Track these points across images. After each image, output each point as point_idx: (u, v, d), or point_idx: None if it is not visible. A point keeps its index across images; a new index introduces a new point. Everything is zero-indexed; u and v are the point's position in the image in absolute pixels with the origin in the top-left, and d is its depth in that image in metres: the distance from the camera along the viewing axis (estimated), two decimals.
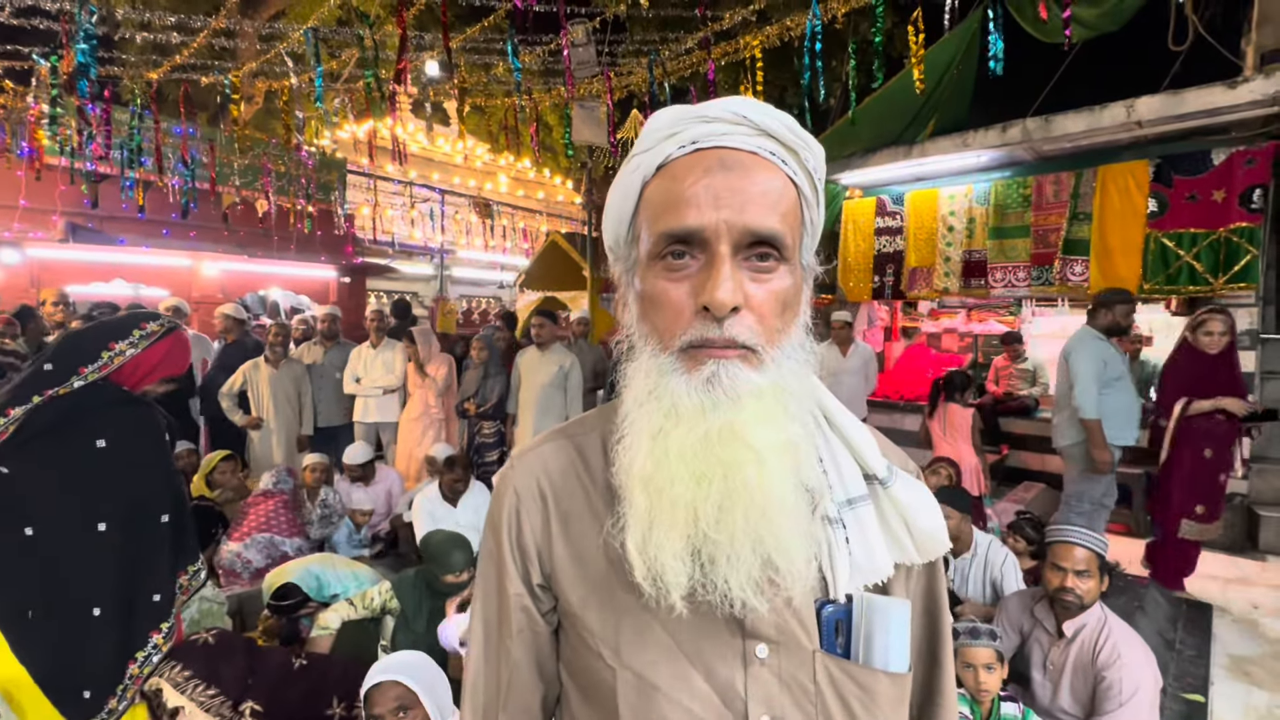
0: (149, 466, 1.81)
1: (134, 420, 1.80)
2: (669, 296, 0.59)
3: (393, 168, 10.45)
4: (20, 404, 1.65)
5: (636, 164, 0.63)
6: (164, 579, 1.82)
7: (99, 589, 1.71)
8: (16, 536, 1.65)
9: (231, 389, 4.73)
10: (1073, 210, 5.01)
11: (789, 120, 0.62)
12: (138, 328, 1.84)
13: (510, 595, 0.67)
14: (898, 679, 0.62)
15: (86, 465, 1.71)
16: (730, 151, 0.59)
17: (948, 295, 6.00)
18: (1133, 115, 4.43)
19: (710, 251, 0.57)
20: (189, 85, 5.85)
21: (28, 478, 1.66)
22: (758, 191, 0.58)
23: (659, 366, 0.59)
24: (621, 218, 0.66)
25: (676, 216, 0.58)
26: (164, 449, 1.87)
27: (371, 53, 4.25)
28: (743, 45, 4.70)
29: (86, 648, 1.70)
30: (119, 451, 1.74)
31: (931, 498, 0.68)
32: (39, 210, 7.30)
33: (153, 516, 1.80)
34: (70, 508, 1.69)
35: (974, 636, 1.95)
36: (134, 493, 1.77)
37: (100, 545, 1.71)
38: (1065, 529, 2.15)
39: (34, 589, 1.65)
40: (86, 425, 1.72)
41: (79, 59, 3.58)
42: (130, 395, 1.84)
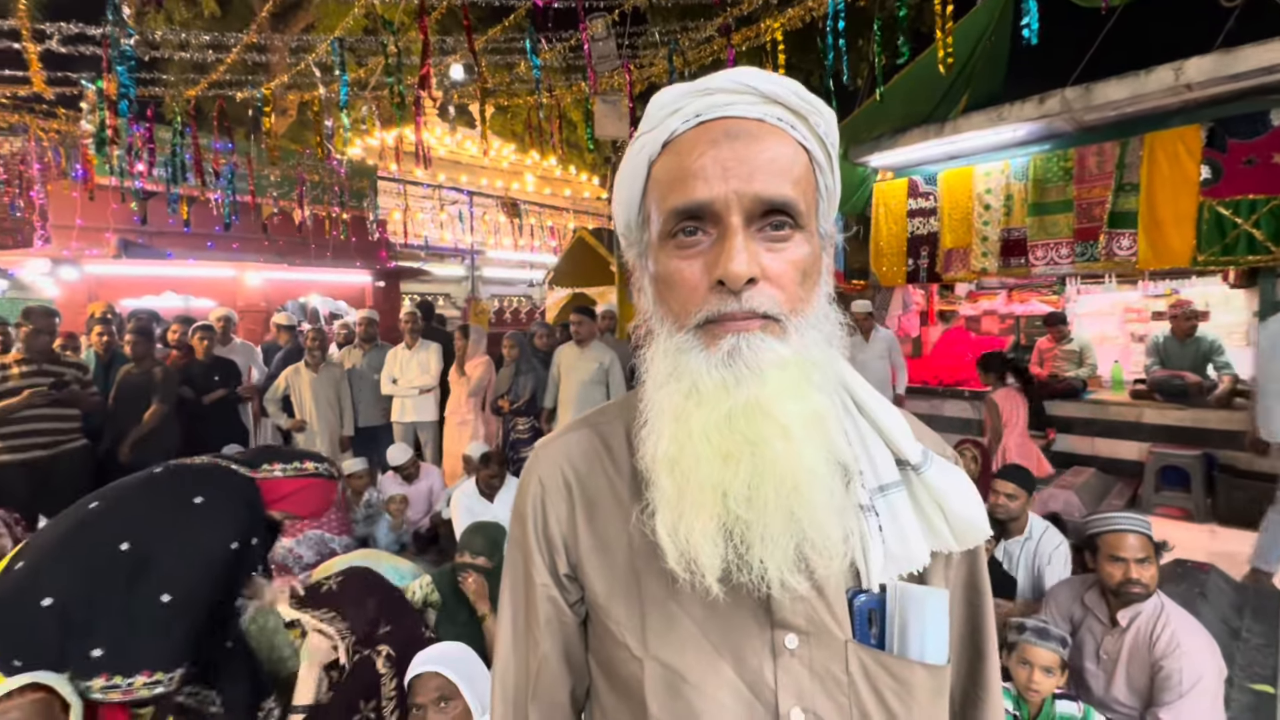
0: (189, 547, 1.84)
1: (224, 509, 1.91)
2: (683, 274, 0.58)
3: (421, 172, 10.64)
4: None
5: (642, 144, 0.62)
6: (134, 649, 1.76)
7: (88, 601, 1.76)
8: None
9: (275, 393, 4.91)
10: (1118, 181, 4.78)
11: (795, 85, 0.60)
12: (299, 460, 2.08)
13: (537, 585, 0.67)
14: (935, 671, 0.60)
15: (174, 505, 1.84)
16: (736, 121, 0.58)
17: (986, 276, 5.80)
18: (1181, 78, 4.19)
19: (722, 224, 0.56)
20: (225, 101, 6.06)
21: (130, 498, 1.85)
22: (766, 159, 0.57)
23: (677, 345, 0.58)
24: (631, 201, 0.65)
25: (685, 191, 0.57)
26: (220, 548, 1.89)
27: (395, 60, 4.32)
28: (764, 29, 4.61)
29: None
30: (196, 513, 1.85)
31: (969, 483, 0.65)
32: (93, 228, 7.68)
33: (157, 593, 1.78)
34: (114, 523, 1.81)
35: (1042, 637, 1.87)
36: (176, 551, 1.82)
37: (118, 564, 1.77)
38: (1110, 516, 2.05)
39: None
40: (197, 484, 1.87)
41: (120, 80, 3.74)
42: (254, 498, 1.98)
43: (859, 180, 6.18)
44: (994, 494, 2.82)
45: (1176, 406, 4.88)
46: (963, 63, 4.87)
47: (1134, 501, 4.73)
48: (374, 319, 5.62)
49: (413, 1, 4.44)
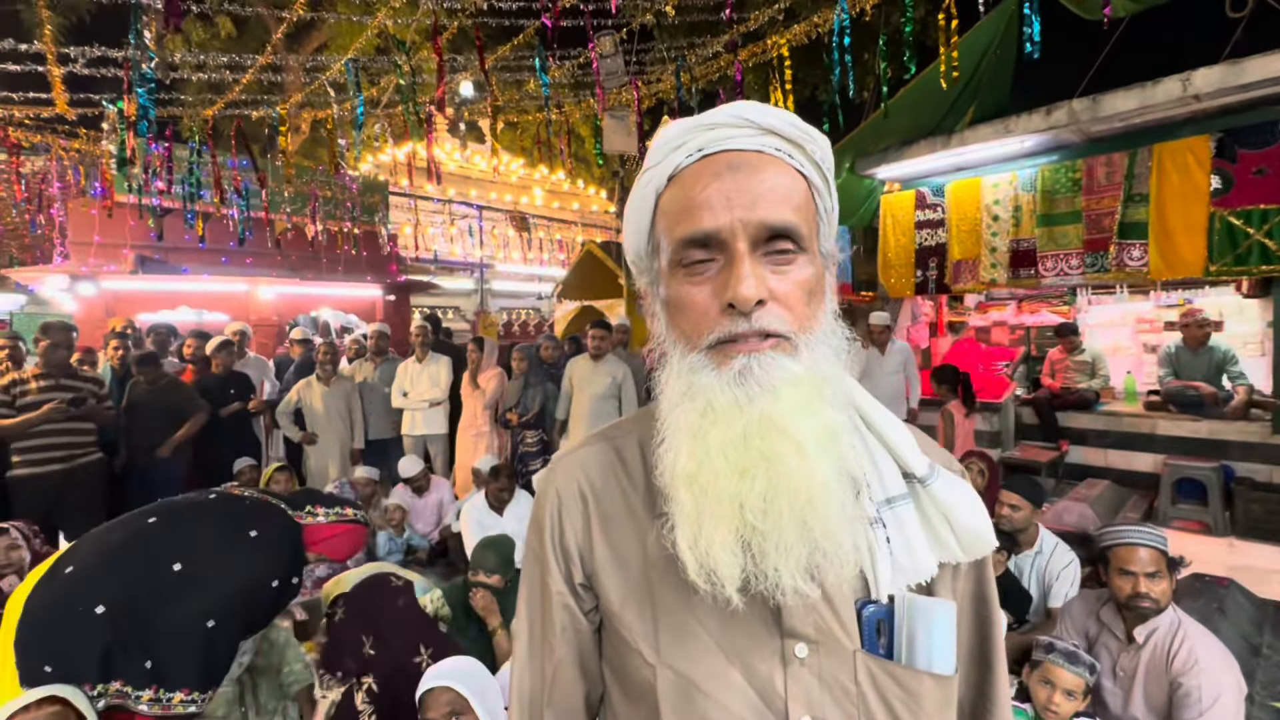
0: (239, 577, 1.89)
1: (274, 546, 1.97)
2: (694, 300, 0.60)
3: (432, 187, 10.78)
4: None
5: (649, 178, 0.65)
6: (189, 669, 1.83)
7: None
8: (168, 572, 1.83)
9: (288, 407, 4.95)
10: (1127, 192, 4.77)
11: (790, 117, 0.63)
12: (340, 506, 2.16)
13: (553, 594, 0.69)
14: (943, 681, 0.61)
15: (229, 535, 1.90)
16: (736, 153, 0.61)
17: (995, 287, 5.78)
18: (1189, 89, 4.19)
19: (729, 251, 0.59)
20: (241, 120, 6.19)
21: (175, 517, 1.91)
22: (767, 188, 0.59)
23: (690, 366, 0.60)
24: (640, 231, 0.68)
25: (692, 222, 0.59)
26: (264, 582, 1.94)
27: (409, 79, 4.41)
28: (770, 45, 4.67)
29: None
30: (250, 546, 1.91)
31: (975, 496, 0.66)
32: (111, 245, 7.83)
33: (203, 616, 1.82)
34: (170, 541, 1.86)
35: (1071, 661, 1.85)
36: (225, 579, 1.86)
37: (173, 587, 1.81)
38: (1122, 529, 2.03)
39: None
40: (251, 519, 1.95)
41: (140, 101, 3.84)
42: (299, 540, 2.04)
43: (866, 192, 6.20)
44: (999, 505, 2.80)
45: (1192, 418, 4.82)
46: (968, 76, 4.90)
47: (1150, 514, 4.67)
48: (385, 332, 5.67)
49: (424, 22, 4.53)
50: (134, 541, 1.84)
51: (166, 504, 2.01)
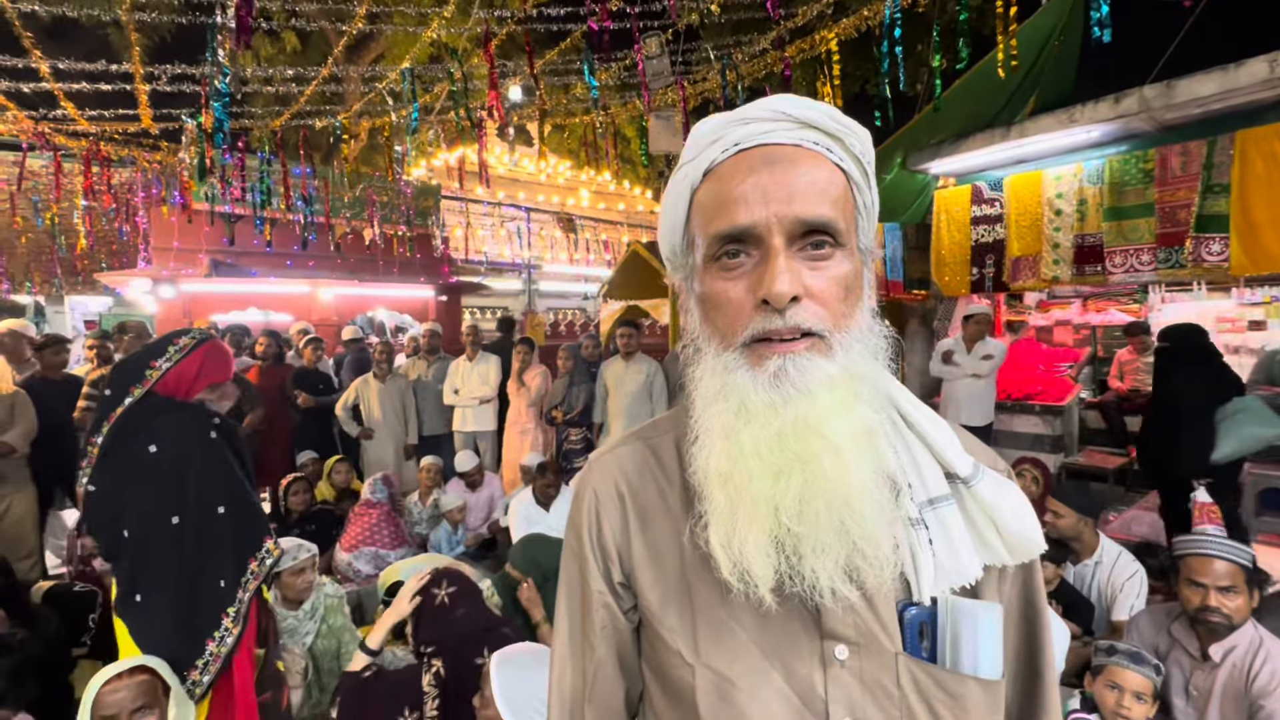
0: (196, 464, 1.96)
1: (176, 424, 1.98)
2: (728, 295, 0.60)
3: (482, 190, 11.04)
4: (96, 432, 1.92)
5: (684, 173, 0.65)
6: (228, 566, 1.98)
7: (178, 574, 1.92)
8: (119, 540, 1.90)
9: (346, 403, 5.19)
10: (1206, 183, 4.47)
11: (828, 109, 0.62)
12: (172, 344, 2.03)
13: (593, 592, 0.69)
14: (989, 686, 0.60)
15: (146, 469, 1.90)
16: (773, 148, 0.60)
17: (1058, 285, 5.50)
18: (1278, 70, 3.90)
19: (765, 246, 0.58)
20: (306, 130, 6.50)
21: (112, 489, 1.91)
22: (804, 182, 0.59)
23: (724, 364, 0.60)
24: (675, 227, 0.68)
25: (728, 217, 0.59)
26: (210, 446, 2.00)
27: (461, 85, 4.54)
28: (818, 40, 4.59)
29: (173, 626, 1.90)
30: (167, 454, 1.93)
31: (1022, 497, 0.64)
32: (188, 250, 8.36)
33: (209, 509, 1.96)
34: (145, 507, 1.91)
35: (1135, 661, 1.78)
36: (189, 488, 1.94)
37: (175, 536, 1.91)
38: (1200, 539, 1.92)
39: (139, 578, 1.90)
40: (140, 435, 1.92)
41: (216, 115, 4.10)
42: (173, 403, 2.01)
43: (918, 188, 6.01)
44: (1050, 514, 2.70)
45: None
46: (1029, 65, 4.68)
47: (1232, 526, 4.36)
48: (438, 332, 5.86)
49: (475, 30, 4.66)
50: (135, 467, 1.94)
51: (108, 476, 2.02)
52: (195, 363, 2.04)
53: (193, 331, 2.11)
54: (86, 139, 6.55)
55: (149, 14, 5.74)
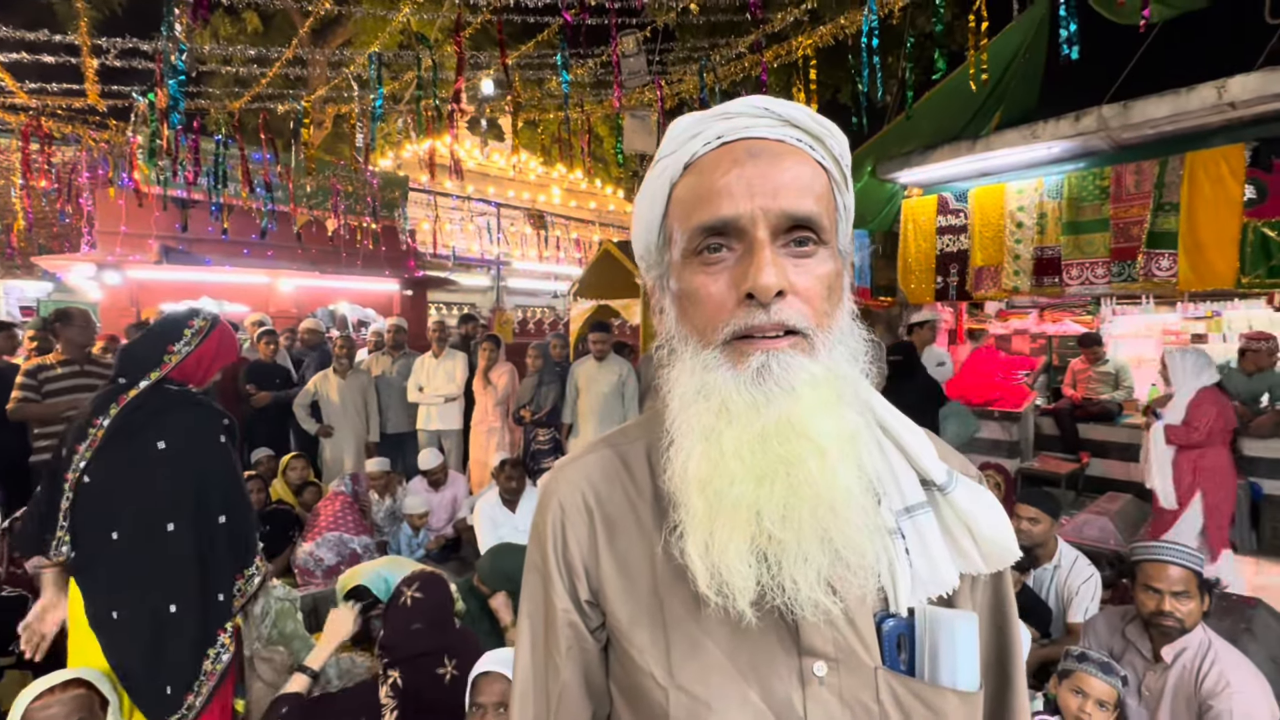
0: (204, 467, 1.84)
1: (191, 421, 1.86)
2: (708, 290, 0.58)
3: (451, 184, 10.82)
4: (102, 414, 1.77)
5: (662, 168, 0.63)
6: (226, 579, 1.87)
7: (175, 587, 1.79)
8: (104, 542, 1.75)
9: (304, 399, 5.01)
10: (1157, 201, 4.67)
11: (810, 110, 0.61)
12: (187, 327, 1.92)
13: (558, 611, 0.65)
14: (968, 698, 0.58)
15: (148, 466, 1.77)
16: (758, 141, 0.58)
17: (1018, 295, 5.70)
18: (1225, 96, 4.09)
19: (748, 239, 0.56)
20: (267, 114, 6.26)
21: (107, 485, 1.76)
22: (790, 176, 0.57)
23: (703, 363, 0.58)
24: (651, 224, 0.65)
25: (711, 208, 0.57)
26: (219, 450, 1.89)
27: (429, 74, 4.43)
28: (795, 46, 4.63)
29: (168, 645, 1.77)
30: (176, 453, 1.80)
31: (997, 504, 0.63)
32: (137, 235, 7.95)
33: (211, 516, 1.85)
34: (141, 509, 1.77)
35: (1105, 671, 1.81)
36: (192, 491, 1.82)
37: (172, 544, 1.78)
38: (1155, 545, 1.98)
39: (121, 590, 1.75)
40: (149, 428, 1.79)
41: (170, 93, 3.89)
42: (191, 396, 1.90)
43: (887, 196, 6.14)
44: (1016, 519, 2.75)
45: None
46: (995, 80, 4.82)
47: None
48: (402, 327, 5.71)
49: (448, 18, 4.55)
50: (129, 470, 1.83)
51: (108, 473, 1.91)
52: (213, 345, 1.95)
53: (202, 313, 1.99)
54: (26, 113, 6.16)
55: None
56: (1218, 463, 3.65)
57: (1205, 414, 3.61)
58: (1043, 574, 2.82)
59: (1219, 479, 3.65)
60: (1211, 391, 3.69)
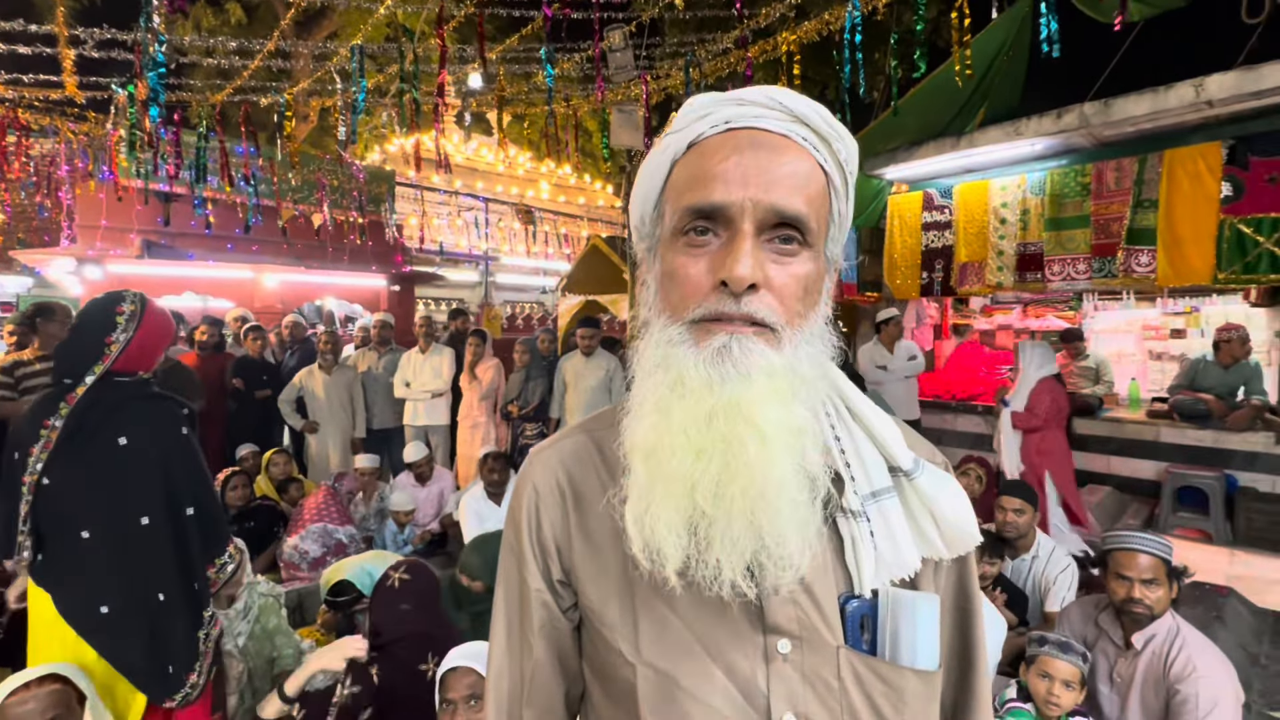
0: (168, 460, 1.83)
1: (151, 415, 1.84)
2: (688, 271, 0.59)
3: (439, 178, 10.75)
4: (51, 414, 1.73)
5: (667, 143, 0.64)
6: (199, 570, 1.88)
7: (159, 577, 1.79)
8: (74, 541, 1.74)
9: (289, 394, 4.97)
10: (1136, 198, 4.73)
11: (824, 110, 0.61)
12: (118, 314, 1.83)
13: (532, 590, 0.67)
14: (927, 677, 0.60)
15: (113, 464, 1.75)
16: (762, 132, 0.59)
17: (1001, 290, 5.75)
18: (1202, 95, 4.15)
19: (733, 229, 0.57)
20: (249, 106, 6.18)
21: (69, 485, 1.73)
22: (786, 172, 0.58)
23: (669, 337, 0.59)
24: (648, 195, 0.66)
25: (703, 191, 0.58)
26: (181, 442, 1.87)
27: (412, 68, 4.40)
28: (780, 41, 4.64)
29: (165, 628, 1.79)
30: (139, 448, 1.78)
31: (959, 490, 0.65)
32: (118, 229, 7.84)
33: (180, 508, 1.84)
34: (112, 506, 1.76)
35: (1064, 650, 1.86)
36: (161, 485, 1.81)
37: (150, 537, 1.78)
38: (1124, 535, 2.03)
39: (108, 585, 1.74)
40: (108, 425, 1.76)
41: (150, 85, 3.84)
42: (146, 389, 1.86)
43: (874, 192, 6.17)
44: (1001, 510, 2.79)
45: (1195, 426, 4.80)
46: (980, 77, 4.86)
47: (1151, 521, 4.65)
48: (389, 322, 5.68)
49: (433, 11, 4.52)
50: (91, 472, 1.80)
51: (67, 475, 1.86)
52: (151, 326, 1.87)
53: (126, 295, 1.89)
54: (2, 105, 6.05)
55: None
56: (1055, 445, 4.04)
57: (1042, 401, 3.99)
58: (1021, 564, 2.86)
59: (1058, 458, 4.03)
60: (1049, 381, 4.06)
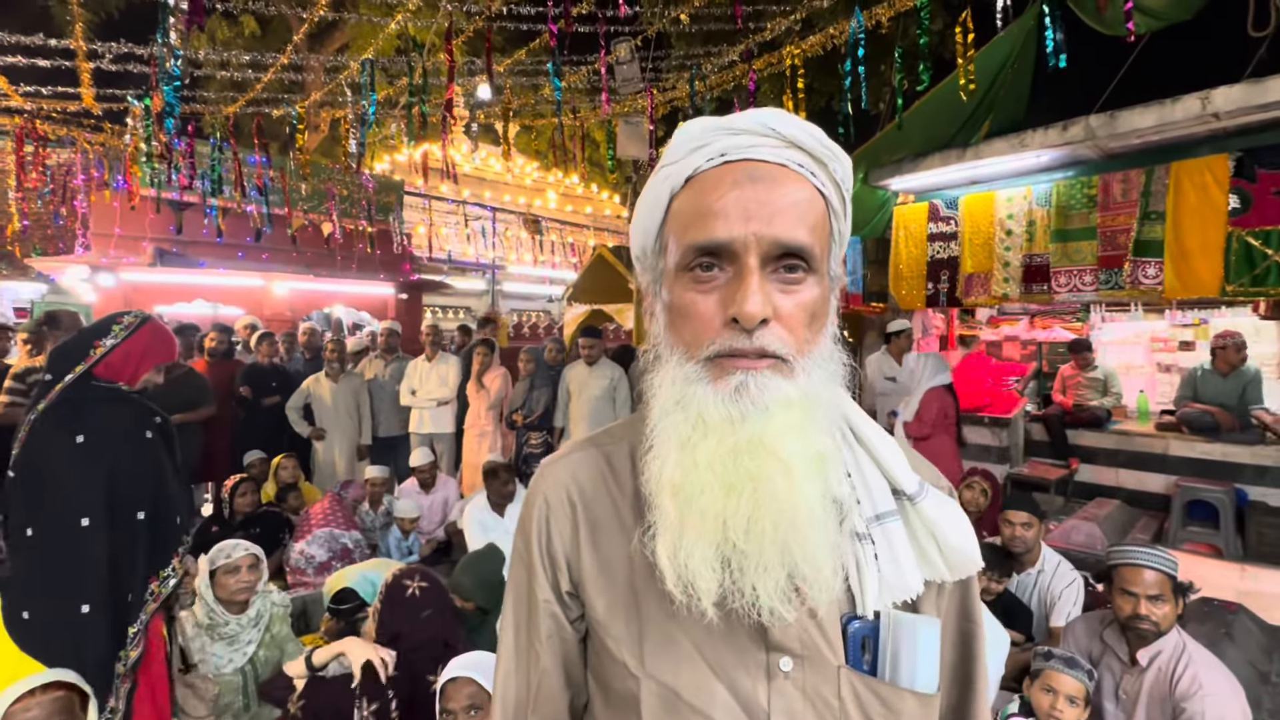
0: (127, 460, 1.82)
1: (114, 417, 1.84)
2: (698, 308, 0.59)
3: (447, 188, 10.85)
4: (33, 410, 1.78)
5: (665, 175, 0.64)
6: (137, 579, 1.83)
7: (87, 586, 1.74)
8: (21, 539, 1.72)
9: (297, 401, 5.01)
10: (1143, 209, 4.72)
11: (817, 131, 0.62)
12: (116, 323, 1.93)
13: (539, 601, 0.69)
14: (925, 699, 0.61)
15: (66, 461, 1.75)
16: (758, 164, 0.60)
17: (1007, 301, 5.73)
18: (1209, 107, 4.14)
19: (739, 264, 0.58)
20: (262, 118, 6.28)
21: (26, 480, 1.74)
22: (786, 204, 0.58)
23: (685, 375, 0.60)
24: (649, 228, 0.67)
25: (706, 229, 0.59)
26: (144, 447, 1.87)
27: (421, 80, 4.47)
28: (785, 54, 4.68)
29: (83, 645, 1.72)
30: (95, 447, 1.78)
31: (962, 515, 0.66)
32: (131, 237, 7.95)
33: (128, 512, 1.81)
34: (57, 503, 1.74)
35: (1070, 666, 1.85)
36: (110, 487, 1.78)
37: (86, 540, 1.74)
38: (1130, 550, 2.01)
39: (33, 589, 1.71)
40: (70, 422, 1.78)
41: (166, 98, 3.91)
42: (118, 393, 1.88)
43: (879, 203, 6.18)
44: (1008, 525, 2.77)
45: (1205, 439, 4.76)
46: (984, 90, 4.87)
47: (1160, 536, 4.60)
48: (396, 330, 5.72)
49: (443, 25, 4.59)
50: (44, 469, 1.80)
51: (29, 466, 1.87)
52: (141, 341, 1.93)
53: (134, 312, 2.01)
54: (21, 116, 6.17)
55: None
56: (943, 449, 4.23)
57: (930, 409, 4.25)
58: (1026, 578, 2.84)
59: (945, 463, 4.15)
60: (938, 390, 4.32)
